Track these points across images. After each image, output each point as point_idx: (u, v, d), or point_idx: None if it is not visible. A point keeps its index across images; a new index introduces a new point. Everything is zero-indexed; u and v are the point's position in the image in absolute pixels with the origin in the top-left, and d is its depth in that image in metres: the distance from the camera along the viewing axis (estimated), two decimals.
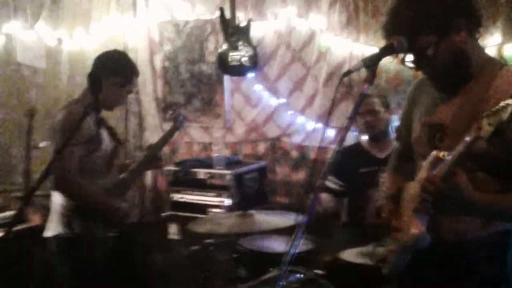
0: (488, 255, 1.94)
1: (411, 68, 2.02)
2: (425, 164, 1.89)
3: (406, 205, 2.02)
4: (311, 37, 4.43)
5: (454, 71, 1.95)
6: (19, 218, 3.82)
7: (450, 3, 1.90)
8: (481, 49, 2.01)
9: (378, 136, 3.68)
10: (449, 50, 1.90)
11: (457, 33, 1.90)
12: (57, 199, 3.04)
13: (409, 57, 2.00)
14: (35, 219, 3.96)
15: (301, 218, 1.78)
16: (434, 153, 1.87)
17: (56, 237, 3.03)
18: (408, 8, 1.91)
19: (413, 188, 1.97)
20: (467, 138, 1.70)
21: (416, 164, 2.12)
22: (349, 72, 1.91)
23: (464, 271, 1.96)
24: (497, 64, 1.96)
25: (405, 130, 2.25)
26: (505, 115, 1.60)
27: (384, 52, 1.89)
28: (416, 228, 1.89)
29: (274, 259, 2.90)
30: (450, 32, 1.89)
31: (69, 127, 2.75)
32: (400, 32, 1.89)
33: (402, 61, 2.01)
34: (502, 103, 1.61)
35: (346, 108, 4.22)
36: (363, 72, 1.85)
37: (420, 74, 3.87)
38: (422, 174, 1.90)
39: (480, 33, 1.98)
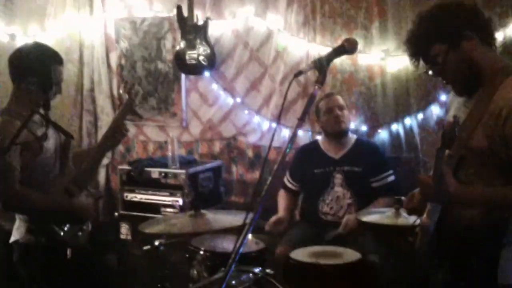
0: (490, 238, 2.11)
1: (432, 76, 2.28)
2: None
3: None
4: (268, 37, 4.44)
5: (463, 76, 2.17)
6: None
7: (458, 15, 2.14)
8: (495, 58, 2.19)
9: (342, 133, 3.72)
10: (458, 58, 2.13)
11: (467, 42, 2.11)
12: None
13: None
14: None
15: (250, 217, 1.79)
16: (446, 151, 2.09)
17: (19, 243, 2.91)
18: (422, 21, 2.19)
19: None
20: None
21: None
22: (300, 73, 2.00)
23: (471, 252, 2.15)
24: (509, 71, 2.11)
25: None
26: None
27: (335, 53, 1.95)
28: (423, 217, 2.25)
29: (226, 258, 2.88)
30: (460, 42, 2.12)
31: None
32: (416, 43, 2.20)
33: (426, 72, 2.24)
34: None
35: (301, 108, 4.23)
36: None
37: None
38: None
39: (494, 43, 2.20)
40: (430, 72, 2.22)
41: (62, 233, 2.90)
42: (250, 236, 3.34)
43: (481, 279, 2.15)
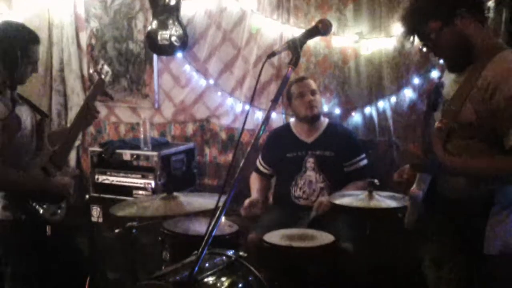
0: (477, 209, 2.20)
1: (427, 52, 2.40)
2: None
3: None
4: (241, 18, 4.39)
5: (456, 53, 2.25)
6: None
7: None
8: (486, 35, 2.26)
9: (315, 118, 3.71)
10: (451, 35, 2.20)
11: (461, 20, 2.18)
12: None
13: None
14: None
15: (223, 199, 1.79)
16: (437, 123, 2.22)
17: None
18: (417, 1, 2.29)
19: None
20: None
21: None
22: (273, 54, 2.00)
23: (459, 221, 2.26)
24: (499, 47, 2.22)
25: None
26: None
27: (309, 34, 1.95)
28: (413, 187, 2.26)
29: (199, 241, 2.86)
30: (454, 19, 2.19)
31: None
32: (411, 19, 2.26)
33: (420, 49, 2.37)
34: None
35: (274, 90, 4.22)
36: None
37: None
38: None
39: (486, 20, 2.28)
40: (424, 49, 2.30)
41: (41, 211, 2.90)
42: (223, 218, 3.34)
43: (469, 250, 2.24)
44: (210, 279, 2.46)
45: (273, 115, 4.24)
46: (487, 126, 2.14)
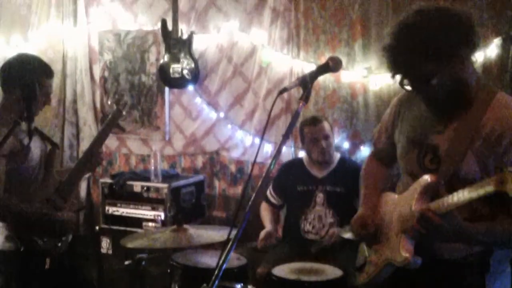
0: (471, 271, 2.03)
1: (408, 90, 2.03)
2: (417, 187, 1.97)
3: (394, 222, 2.09)
4: (252, 52, 4.46)
5: (454, 97, 1.97)
6: None
7: (457, 32, 1.90)
8: (477, 75, 2.03)
9: (327, 160, 3.71)
10: (451, 78, 1.92)
11: (460, 61, 1.91)
12: None
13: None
14: None
15: (234, 232, 1.79)
16: (428, 178, 1.94)
17: None
18: (414, 35, 1.90)
19: (403, 207, 2.04)
20: (487, 188, 1.69)
21: (403, 179, 2.20)
22: (285, 90, 1.98)
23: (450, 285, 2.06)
24: (491, 90, 2.00)
25: (386, 138, 2.32)
26: None
27: (320, 71, 1.93)
28: (406, 251, 1.96)
29: (208, 274, 2.86)
30: (454, 60, 1.90)
31: None
32: (404, 58, 1.92)
33: (401, 84, 2.01)
34: None
35: (284, 123, 4.26)
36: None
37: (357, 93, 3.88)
38: (412, 196, 1.97)
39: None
40: (408, 87, 1.99)
41: (40, 243, 2.89)
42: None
43: None
44: None
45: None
46: None
